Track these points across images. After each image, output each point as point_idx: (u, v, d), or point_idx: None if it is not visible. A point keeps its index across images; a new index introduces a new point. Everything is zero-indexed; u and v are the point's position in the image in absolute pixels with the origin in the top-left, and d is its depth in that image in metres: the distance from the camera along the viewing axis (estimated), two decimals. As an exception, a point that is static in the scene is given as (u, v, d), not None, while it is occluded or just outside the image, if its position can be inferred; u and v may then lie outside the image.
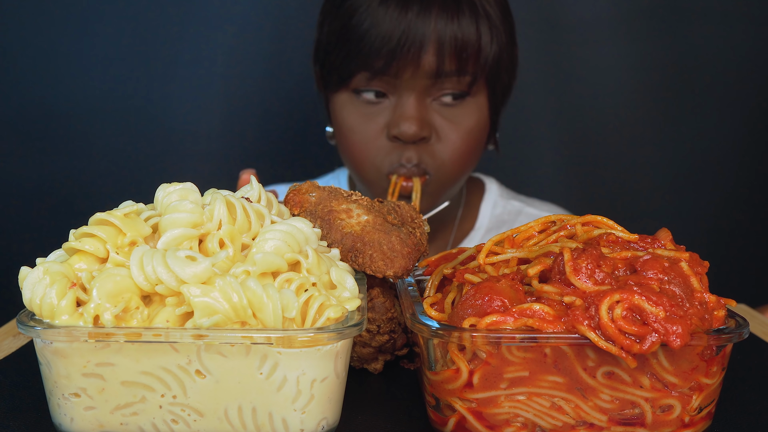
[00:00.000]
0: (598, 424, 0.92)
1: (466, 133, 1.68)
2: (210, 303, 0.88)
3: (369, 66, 1.61)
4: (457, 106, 1.66)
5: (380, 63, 1.59)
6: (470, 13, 1.60)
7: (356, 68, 1.63)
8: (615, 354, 0.88)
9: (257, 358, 0.88)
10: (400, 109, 1.63)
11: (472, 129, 1.69)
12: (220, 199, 0.99)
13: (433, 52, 1.58)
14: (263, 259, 0.93)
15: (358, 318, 0.92)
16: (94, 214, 0.97)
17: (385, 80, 1.62)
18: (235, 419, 0.90)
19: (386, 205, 1.16)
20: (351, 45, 1.61)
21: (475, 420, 0.93)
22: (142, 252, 0.91)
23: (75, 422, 0.91)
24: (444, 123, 1.66)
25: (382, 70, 1.60)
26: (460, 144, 1.68)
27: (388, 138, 1.65)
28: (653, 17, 2.41)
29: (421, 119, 1.62)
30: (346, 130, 1.70)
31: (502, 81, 1.71)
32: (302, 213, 1.10)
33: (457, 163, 1.69)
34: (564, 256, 0.94)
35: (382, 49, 1.58)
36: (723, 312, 0.95)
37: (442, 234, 1.93)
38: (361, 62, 1.61)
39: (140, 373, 0.89)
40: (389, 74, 1.60)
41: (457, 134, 1.67)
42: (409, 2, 1.59)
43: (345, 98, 1.69)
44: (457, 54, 1.59)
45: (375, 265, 1.06)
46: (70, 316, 0.89)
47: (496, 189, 2.02)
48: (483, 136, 1.74)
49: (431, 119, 1.65)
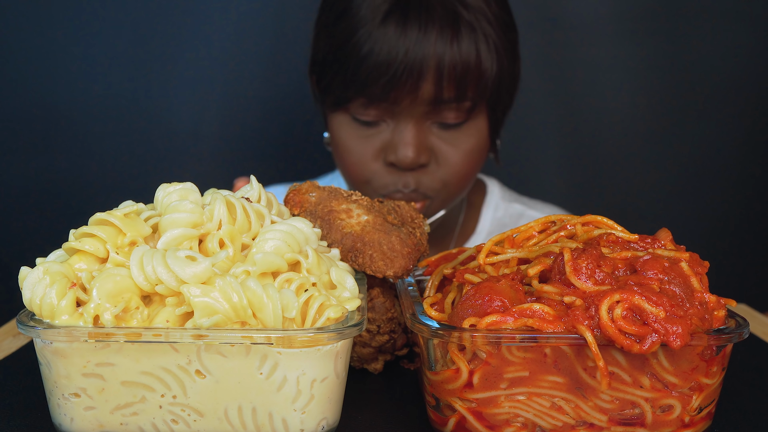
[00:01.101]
0: (598, 424, 0.92)
1: (466, 155, 1.65)
2: (210, 303, 0.88)
3: (366, 94, 1.57)
4: (456, 129, 1.62)
5: (378, 91, 1.55)
6: (469, 34, 1.56)
7: (353, 95, 1.59)
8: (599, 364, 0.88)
9: (257, 358, 0.88)
10: (398, 136, 1.60)
11: (472, 150, 1.65)
12: (220, 199, 0.99)
13: (432, 80, 1.54)
14: (263, 259, 0.93)
15: (358, 318, 0.92)
16: (94, 214, 0.97)
17: (382, 107, 1.59)
18: (235, 419, 0.90)
19: (386, 205, 1.16)
20: (348, 70, 1.58)
21: (475, 420, 0.93)
22: (142, 252, 0.91)
23: (75, 422, 0.91)
24: (443, 146, 1.62)
25: (380, 98, 1.57)
26: (461, 167, 1.65)
27: (385, 163, 1.62)
28: (655, 18, 2.41)
29: (419, 146, 1.59)
30: (342, 150, 1.67)
31: (503, 101, 1.67)
32: (302, 213, 1.10)
33: (456, 185, 1.67)
34: (564, 257, 0.94)
35: (380, 78, 1.54)
36: (723, 312, 0.95)
37: (444, 237, 1.91)
38: (358, 89, 1.57)
39: (140, 373, 0.89)
40: (387, 102, 1.57)
41: (456, 157, 1.63)
42: (407, 23, 1.54)
43: (342, 119, 1.65)
44: (456, 81, 1.55)
45: (375, 265, 1.06)
46: (70, 316, 0.89)
47: (497, 191, 2.00)
48: (483, 155, 1.71)
49: (430, 143, 1.62)
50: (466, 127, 1.63)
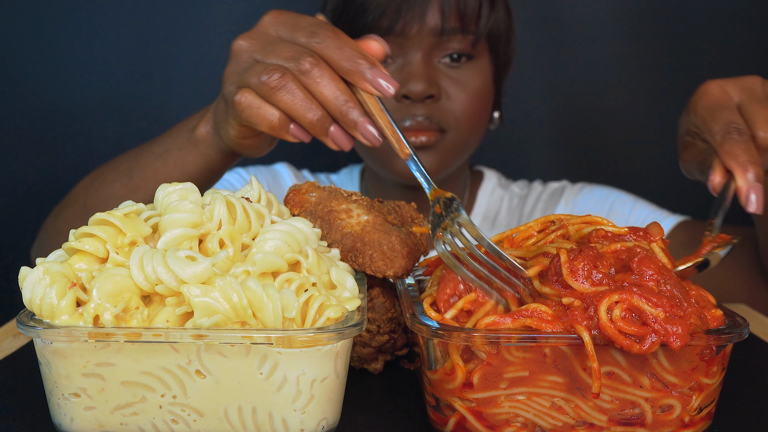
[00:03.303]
0: (598, 424, 0.92)
1: (474, 93, 1.73)
2: (210, 303, 0.88)
3: (375, 26, 1.65)
4: (462, 67, 1.72)
5: (386, 22, 1.64)
6: None
7: (362, 30, 1.66)
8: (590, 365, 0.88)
9: (257, 358, 0.88)
10: (407, 68, 1.68)
11: (479, 90, 1.74)
12: (220, 199, 0.99)
13: (437, 9, 1.64)
14: (263, 259, 0.93)
15: (358, 318, 0.92)
16: (94, 214, 0.97)
17: (391, 40, 1.66)
18: (235, 419, 0.90)
19: (386, 205, 1.16)
20: (356, 7, 1.66)
21: (475, 420, 0.93)
22: (142, 252, 0.91)
23: (75, 422, 0.91)
24: (451, 83, 1.71)
25: (388, 29, 1.65)
26: (470, 103, 1.73)
27: (396, 99, 1.69)
28: (653, 12, 2.41)
29: (428, 76, 1.67)
30: None
31: (503, 46, 1.78)
32: (302, 213, 1.10)
33: (466, 123, 1.74)
34: (561, 258, 0.94)
35: (387, 7, 1.63)
36: (720, 312, 0.96)
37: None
38: (367, 23, 1.66)
39: (140, 373, 0.89)
40: (395, 32, 1.65)
41: (464, 94, 1.72)
42: None
43: None
44: (459, 12, 1.65)
45: (375, 265, 1.06)
46: (70, 316, 0.89)
47: (495, 179, 2.07)
48: (489, 101, 1.80)
49: (438, 79, 1.70)
50: (472, 67, 1.73)
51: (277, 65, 1.11)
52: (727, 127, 1.13)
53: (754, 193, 1.07)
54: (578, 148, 2.51)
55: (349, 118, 1.10)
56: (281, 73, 1.09)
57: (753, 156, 1.10)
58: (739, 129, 1.13)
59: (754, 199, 1.07)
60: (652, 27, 2.41)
